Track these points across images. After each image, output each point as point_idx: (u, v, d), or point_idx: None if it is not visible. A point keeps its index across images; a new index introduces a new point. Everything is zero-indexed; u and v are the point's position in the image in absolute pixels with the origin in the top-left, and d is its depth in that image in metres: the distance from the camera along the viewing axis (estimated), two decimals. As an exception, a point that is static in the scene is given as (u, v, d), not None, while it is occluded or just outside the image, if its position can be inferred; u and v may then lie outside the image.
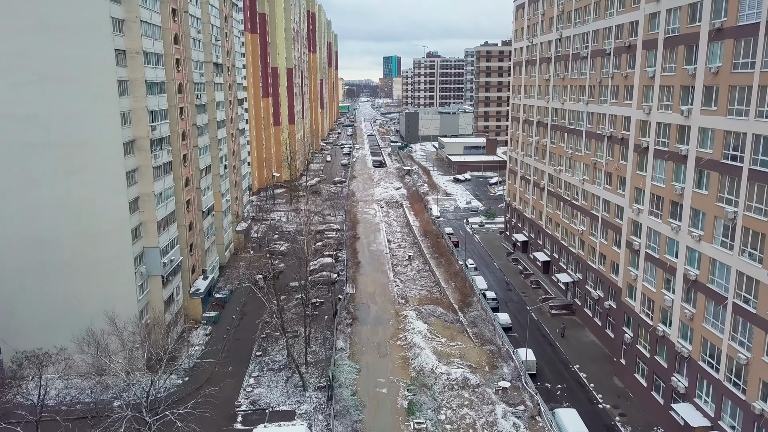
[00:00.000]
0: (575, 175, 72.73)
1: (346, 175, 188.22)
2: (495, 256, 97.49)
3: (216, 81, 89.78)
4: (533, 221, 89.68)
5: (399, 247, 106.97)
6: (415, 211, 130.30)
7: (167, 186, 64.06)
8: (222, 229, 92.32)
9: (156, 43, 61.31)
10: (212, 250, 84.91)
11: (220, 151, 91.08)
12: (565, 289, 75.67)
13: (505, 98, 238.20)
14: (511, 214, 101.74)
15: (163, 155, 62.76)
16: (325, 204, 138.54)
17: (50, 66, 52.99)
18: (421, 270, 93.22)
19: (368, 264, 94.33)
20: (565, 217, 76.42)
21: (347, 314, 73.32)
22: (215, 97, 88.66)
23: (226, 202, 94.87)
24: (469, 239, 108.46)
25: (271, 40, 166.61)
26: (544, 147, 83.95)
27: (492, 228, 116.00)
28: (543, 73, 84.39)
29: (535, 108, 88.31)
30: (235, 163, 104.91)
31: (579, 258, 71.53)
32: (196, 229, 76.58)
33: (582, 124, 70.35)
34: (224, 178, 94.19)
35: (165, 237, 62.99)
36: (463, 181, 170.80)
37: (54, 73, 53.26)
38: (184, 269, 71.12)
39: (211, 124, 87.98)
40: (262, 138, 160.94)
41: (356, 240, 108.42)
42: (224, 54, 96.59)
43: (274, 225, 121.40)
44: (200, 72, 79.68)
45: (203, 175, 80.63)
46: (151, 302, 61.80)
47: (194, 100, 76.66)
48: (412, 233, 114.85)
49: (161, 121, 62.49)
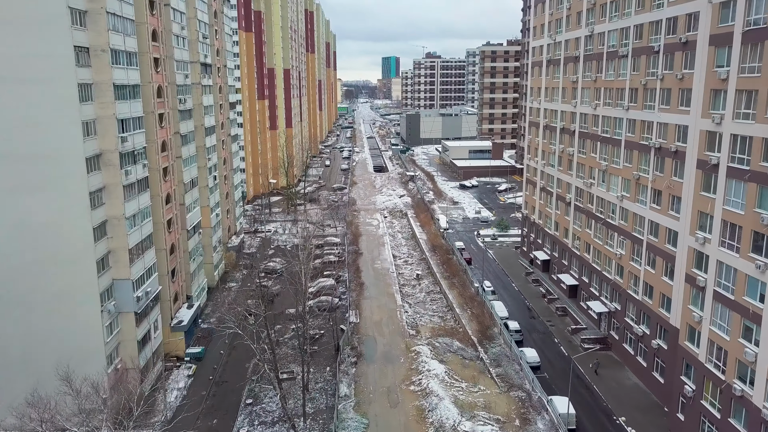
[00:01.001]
0: (611, 191, 63.80)
1: (347, 181, 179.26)
2: (512, 275, 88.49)
3: (204, 83, 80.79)
4: (556, 239, 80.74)
5: (405, 263, 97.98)
6: (421, 222, 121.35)
7: (143, 206, 54.99)
8: (211, 247, 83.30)
9: (128, 39, 52.24)
10: (199, 273, 75.84)
11: (209, 160, 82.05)
12: (598, 319, 66.73)
13: (511, 100, 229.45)
14: (529, 228, 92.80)
15: (137, 170, 53.69)
16: (325, 213, 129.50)
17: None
18: (432, 292, 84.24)
19: (373, 285, 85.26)
20: (597, 237, 67.48)
21: (351, 350, 64.29)
22: (203, 101, 79.65)
23: (216, 216, 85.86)
24: (481, 255, 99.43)
25: (267, 40, 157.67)
26: (571, 157, 75.03)
27: (506, 242, 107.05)
28: (569, 74, 75.48)
29: (558, 113, 79.41)
30: (227, 172, 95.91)
31: (616, 285, 62.58)
32: (180, 251, 67.54)
33: (620, 133, 61.44)
34: (213, 190, 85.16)
35: (139, 266, 53.89)
36: (470, 187, 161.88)
37: (1, 74, 44.25)
38: (164, 299, 62.05)
39: (198, 131, 78.93)
40: (257, 143, 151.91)
41: (359, 256, 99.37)
42: (214, 53, 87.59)
43: (269, 238, 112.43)
44: (185, 73, 70.66)
45: (188, 189, 71.59)
46: (122, 343, 52.72)
47: (177, 104, 67.65)
48: (419, 247, 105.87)
49: (135, 131, 53.41)
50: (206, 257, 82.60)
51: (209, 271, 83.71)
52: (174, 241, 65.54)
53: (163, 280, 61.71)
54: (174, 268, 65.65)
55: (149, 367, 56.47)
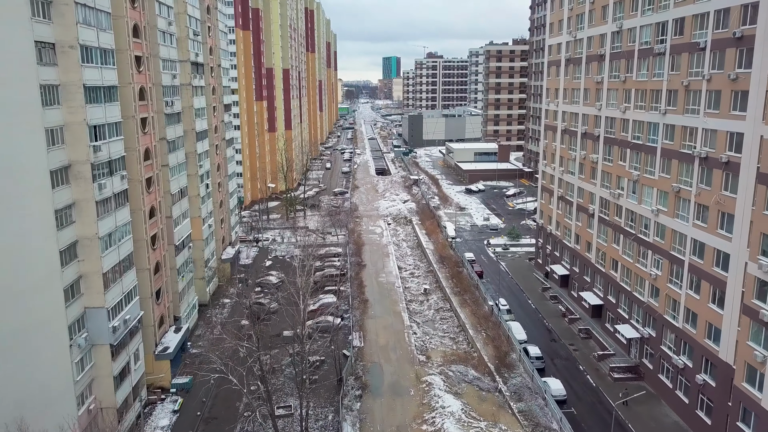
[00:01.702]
0: (644, 203, 57.48)
1: (348, 184, 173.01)
2: (528, 291, 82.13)
3: (195, 84, 74.56)
4: (577, 253, 74.42)
5: (412, 276, 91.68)
6: (427, 230, 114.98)
7: (121, 222, 48.70)
8: (202, 261, 77.03)
9: (103, 34, 45.98)
10: (189, 291, 69.55)
11: (200, 167, 75.78)
12: (628, 345, 60.42)
13: (517, 101, 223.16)
14: (545, 239, 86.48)
15: (114, 183, 47.41)
16: (325, 220, 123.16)
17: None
18: (441, 309, 77.96)
19: (378, 302, 78.94)
20: (627, 254, 61.15)
21: (355, 380, 58.00)
22: (194, 103, 73.42)
23: (209, 228, 79.60)
24: (493, 267, 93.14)
25: (266, 38, 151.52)
26: (594, 164, 68.74)
27: (518, 252, 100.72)
28: (592, 73, 69.18)
29: (579, 116, 73.11)
30: (221, 179, 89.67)
31: (650, 309, 56.27)
32: (166, 269, 61.28)
33: (655, 139, 55.14)
34: (206, 199, 78.89)
35: (116, 291, 47.59)
36: (476, 192, 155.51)
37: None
38: (147, 324, 55.81)
39: (187, 135, 72.71)
40: (255, 146, 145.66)
41: (362, 268, 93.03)
42: (206, 52, 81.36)
43: (266, 248, 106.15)
44: (172, 73, 64.41)
45: (176, 199, 65.34)
46: (96, 380, 46.44)
47: (164, 107, 61.40)
48: (425, 258, 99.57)
49: (111, 138, 47.13)
50: (197, 272, 76.39)
51: (201, 287, 77.45)
52: (159, 259, 59.30)
53: (146, 303, 55.44)
54: (159, 289, 59.41)
55: (129, 404, 50.18)
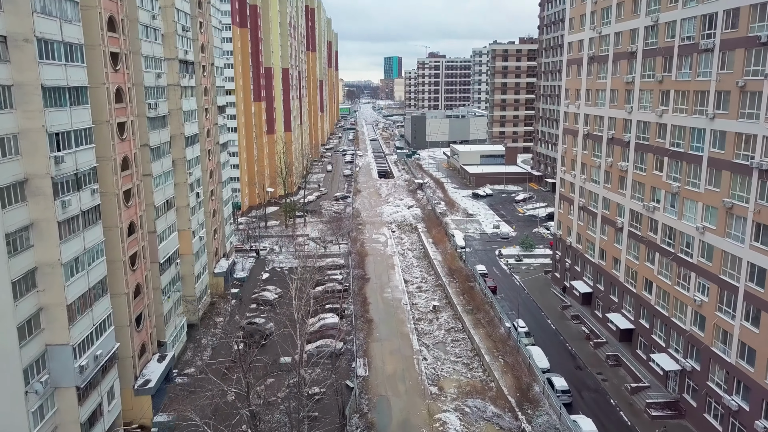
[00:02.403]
0: (686, 219, 51.00)
1: (350, 188, 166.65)
2: (546, 309, 75.64)
3: (184, 84, 68.17)
4: (602, 269, 67.97)
5: (419, 290, 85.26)
6: (434, 239, 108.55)
7: (91, 243, 42.30)
8: (192, 277, 70.62)
9: (68, 26, 39.58)
10: (176, 312, 63.12)
11: (190, 175, 69.40)
12: (665, 376, 53.98)
13: (524, 102, 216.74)
14: (564, 252, 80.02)
15: (82, 198, 41.01)
16: (326, 227, 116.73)
17: None
18: (453, 329, 71.60)
19: (383, 322, 72.51)
20: (664, 274, 54.67)
21: (360, 418, 51.55)
22: (182, 105, 67.04)
23: (199, 241, 73.17)
24: (507, 281, 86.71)
25: (264, 36, 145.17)
26: (623, 173, 62.28)
27: (532, 264, 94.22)
28: (621, 73, 62.73)
29: (605, 119, 66.67)
30: (215, 186, 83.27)
31: (693, 339, 49.81)
32: (148, 291, 54.87)
33: (700, 147, 48.67)
34: (197, 209, 72.53)
35: (85, 323, 41.19)
36: (484, 197, 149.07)
37: None
38: (124, 356, 49.39)
39: (175, 141, 66.37)
40: (253, 148, 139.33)
41: (366, 282, 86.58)
42: (197, 49, 74.98)
43: (263, 258, 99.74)
44: (157, 72, 57.99)
45: (162, 212, 58.89)
46: (60, 428, 40.01)
47: (146, 110, 54.99)
48: (433, 270, 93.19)
49: (79, 147, 40.73)
50: (186, 290, 70.03)
51: (191, 306, 71.01)
52: (140, 280, 52.90)
53: (124, 332, 49.04)
54: (141, 314, 53.01)
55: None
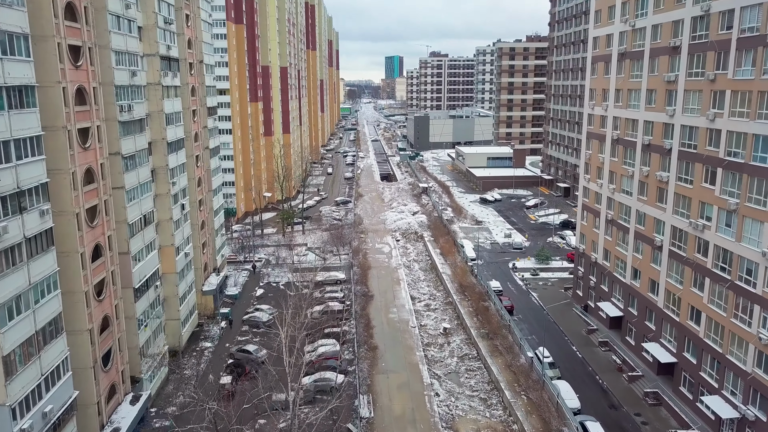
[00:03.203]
0: (746, 242, 43.55)
1: (351, 192, 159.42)
2: (570, 333, 68.15)
3: (166, 83, 60.81)
4: (635, 291, 60.55)
5: (428, 309, 77.86)
6: (442, 249, 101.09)
7: (39, 276, 34.90)
8: (176, 299, 63.23)
9: (7, 12, 32.21)
10: (155, 342, 55.71)
11: (173, 185, 62.02)
12: (718, 423, 46.49)
13: (531, 102, 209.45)
14: (587, 268, 72.59)
15: (26, 223, 33.62)
16: (327, 236, 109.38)
17: None
18: (467, 356, 64.26)
19: (389, 349, 65.08)
20: (716, 304, 47.20)
21: (365, 475, 44.22)
22: (164, 107, 59.65)
23: (185, 257, 65.78)
24: (523, 299, 79.27)
25: (261, 33, 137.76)
26: (662, 184, 54.84)
27: (550, 279, 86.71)
28: (660, 70, 55.26)
29: (639, 123, 59.21)
30: (203, 195, 75.89)
31: (757, 383, 42.35)
32: (119, 322, 47.51)
33: (766, 158, 41.20)
34: (181, 223, 65.15)
35: (29, 374, 33.80)
36: (492, 202, 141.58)
37: None
38: (86, 403, 41.99)
39: (156, 147, 59.10)
40: (249, 151, 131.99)
41: (369, 300, 79.16)
42: (183, 45, 67.58)
43: (258, 271, 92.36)
44: (131, 69, 50.55)
45: (137, 229, 51.52)
46: (-4, 506, 32.67)
47: (117, 114, 47.62)
48: (442, 285, 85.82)
49: (21, 160, 33.34)
50: (170, 313, 62.70)
51: (174, 330, 63.71)
52: (109, 311, 45.53)
53: (86, 375, 41.67)
54: (109, 350, 45.66)
55: None
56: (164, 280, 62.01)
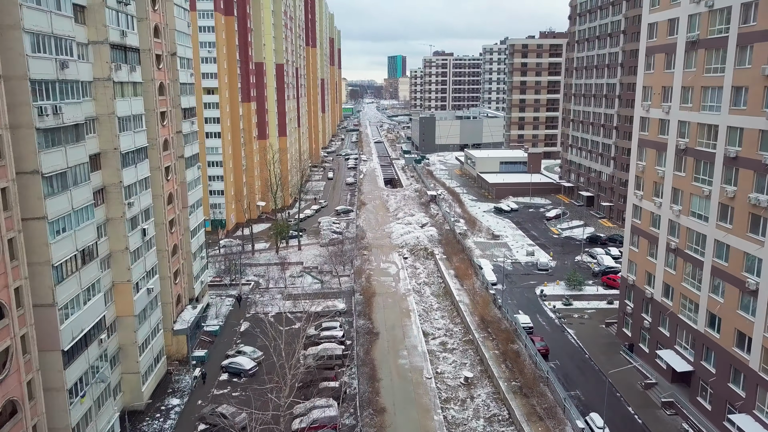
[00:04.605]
0: None
1: (353, 200, 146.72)
2: (622, 387, 55.10)
3: (120, 78, 48.21)
4: (714, 343, 47.75)
5: (444, 349, 65.19)
6: (457, 270, 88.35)
7: None
8: (135, 347, 50.63)
9: None
10: (100, 413, 43.04)
11: (130, 206, 49.41)
12: None
13: (545, 102, 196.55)
14: (639, 304, 59.87)
15: None
16: (325, 252, 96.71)
17: None
18: (496, 418, 51.60)
19: (400, 410, 52.20)
20: None
21: None
22: (116, 109, 47.04)
23: (147, 294, 53.14)
24: (558, 337, 66.54)
25: (255, 27, 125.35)
26: (759, 210, 42.07)
27: (586, 309, 73.79)
28: (754, 62, 42.51)
29: (721, 130, 46.43)
30: (176, 214, 63.34)
31: None
32: (34, 403, 34.89)
33: None
34: (142, 252, 52.48)
35: None
36: (509, 212, 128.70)
37: None
38: None
39: (105, 158, 46.59)
40: (241, 156, 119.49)
41: (374, 340, 66.36)
42: (147, 32, 55.04)
43: (245, 298, 79.74)
44: (60, 60, 37.94)
45: (69, 271, 38.93)
46: None
47: (34, 118, 35.05)
48: (459, 316, 73.26)
49: None
50: (127, 365, 50.20)
51: (133, 386, 51.14)
52: (16, 393, 32.91)
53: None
54: (18, 445, 33.04)
55: None
56: (119, 326, 49.52)
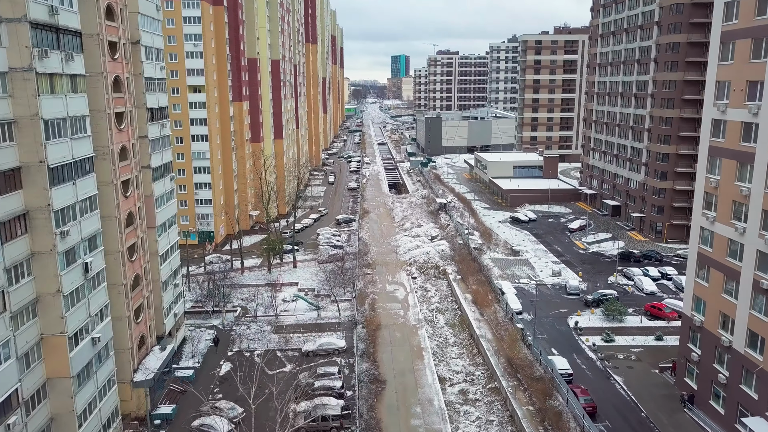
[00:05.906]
0: None
1: (355, 207, 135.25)
2: (696, 463, 43.69)
3: (48, 69, 36.65)
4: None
5: (465, 401, 53.52)
6: (474, 294, 76.69)
7: None
8: (73, 416, 39.09)
9: None
10: None
11: (64, 236, 37.83)
12: None
13: (559, 102, 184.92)
14: (709, 352, 48.17)
15: None
16: (323, 268, 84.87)
17: None
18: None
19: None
20: None
21: None
22: (41, 110, 35.50)
23: (92, 345, 41.55)
24: (603, 386, 54.73)
25: (247, 18, 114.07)
26: None
27: (632, 349, 61.84)
28: None
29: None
30: (139, 238, 51.85)
31: None
32: None
33: None
34: (85, 292, 40.90)
35: None
36: (526, 222, 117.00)
37: None
38: None
39: (27, 175, 35.04)
40: (231, 162, 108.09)
41: (380, 392, 54.56)
42: (93, 12, 43.57)
43: (228, 331, 68.19)
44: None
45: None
46: None
47: None
48: (480, 354, 61.77)
49: None
50: (60, 442, 38.62)
51: (70, 467, 39.62)
52: None
53: None
54: None
55: None
56: (51, 391, 38.10)
